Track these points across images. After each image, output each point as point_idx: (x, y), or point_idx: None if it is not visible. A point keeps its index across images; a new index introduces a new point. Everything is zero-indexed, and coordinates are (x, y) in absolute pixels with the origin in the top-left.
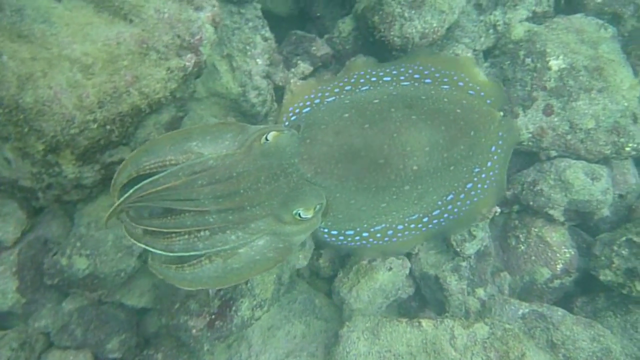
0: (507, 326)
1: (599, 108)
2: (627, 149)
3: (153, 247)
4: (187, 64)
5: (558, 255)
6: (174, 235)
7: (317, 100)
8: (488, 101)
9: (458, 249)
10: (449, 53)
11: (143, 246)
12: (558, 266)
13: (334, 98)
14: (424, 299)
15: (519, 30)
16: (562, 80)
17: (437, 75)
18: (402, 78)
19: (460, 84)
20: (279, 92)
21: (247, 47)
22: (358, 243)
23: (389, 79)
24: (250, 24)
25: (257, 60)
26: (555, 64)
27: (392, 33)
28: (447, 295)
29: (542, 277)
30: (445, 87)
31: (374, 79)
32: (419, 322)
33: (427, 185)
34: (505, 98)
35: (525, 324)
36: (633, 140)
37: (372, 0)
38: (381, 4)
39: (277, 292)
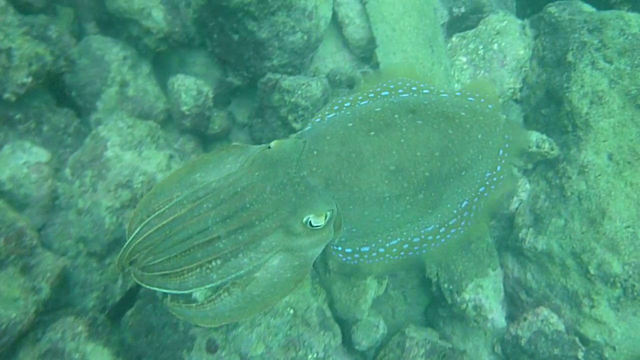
0: None
1: (261, 329)
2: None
3: (166, 289)
4: None
5: None
6: (185, 271)
7: (317, 119)
8: (490, 106)
9: None
10: None
11: (156, 289)
12: None
13: (333, 115)
14: None
15: None
16: None
17: (432, 87)
18: (400, 91)
19: (458, 93)
20: None
21: None
22: (376, 260)
23: (387, 93)
24: None
25: None
26: (200, 293)
27: None
28: None
29: None
30: (444, 95)
31: (371, 94)
32: None
33: (440, 193)
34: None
35: None
36: (311, 349)
37: None
38: None
39: None
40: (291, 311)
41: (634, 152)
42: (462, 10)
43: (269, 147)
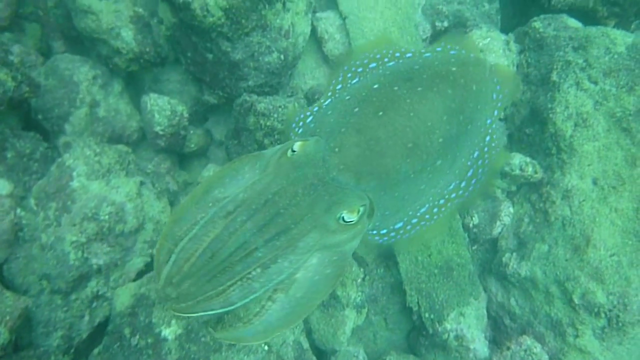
0: None
1: None
2: None
3: (212, 310)
4: None
5: None
6: (227, 287)
7: (315, 108)
8: (471, 55)
9: None
10: None
11: (201, 315)
12: None
13: (330, 101)
14: None
15: (125, 298)
16: (182, 346)
17: (412, 49)
18: (385, 60)
19: (438, 49)
20: None
21: None
22: (411, 232)
23: (374, 64)
24: None
25: None
26: (169, 331)
27: None
28: None
29: None
30: (427, 55)
31: (360, 69)
32: None
33: (454, 152)
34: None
35: None
36: None
37: None
38: None
39: None
40: (265, 347)
41: (619, 177)
42: (445, 24)
43: (293, 151)
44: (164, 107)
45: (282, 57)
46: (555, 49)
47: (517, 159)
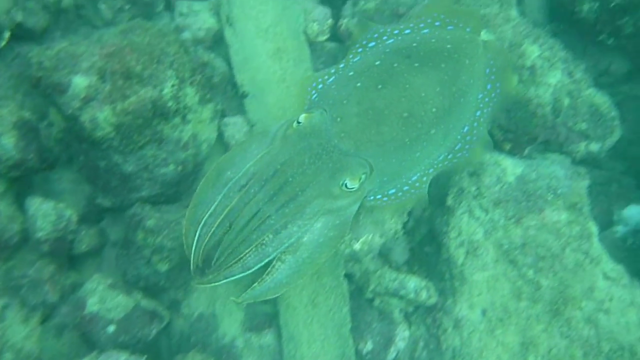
0: None
1: None
2: None
3: (233, 276)
4: None
5: None
6: (245, 254)
7: (320, 86)
8: (467, 29)
9: None
10: None
11: (224, 282)
12: None
13: (333, 78)
14: None
15: None
16: None
17: (411, 25)
18: (384, 38)
19: (437, 23)
20: None
21: None
22: (403, 198)
23: (373, 44)
24: None
25: None
26: None
27: None
28: None
29: None
30: (425, 31)
31: (360, 49)
32: None
33: (447, 123)
34: (482, 22)
35: None
36: None
37: None
38: None
39: None
40: None
41: (506, 310)
42: None
43: (299, 122)
44: (48, 212)
45: (180, 168)
46: (452, 172)
47: (413, 282)
